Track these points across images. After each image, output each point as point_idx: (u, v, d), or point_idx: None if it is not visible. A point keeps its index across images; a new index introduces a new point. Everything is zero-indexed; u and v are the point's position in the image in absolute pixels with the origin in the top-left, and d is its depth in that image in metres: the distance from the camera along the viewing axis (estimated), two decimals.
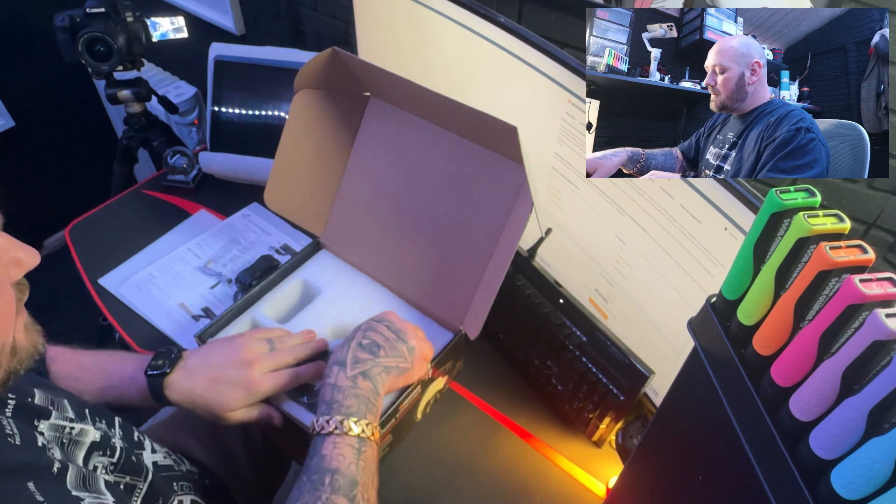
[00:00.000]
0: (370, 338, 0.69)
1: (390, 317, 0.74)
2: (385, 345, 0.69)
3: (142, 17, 1.20)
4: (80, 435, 0.57)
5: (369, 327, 0.71)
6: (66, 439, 0.56)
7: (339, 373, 0.64)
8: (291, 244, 1.12)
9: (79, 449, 0.57)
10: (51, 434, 0.54)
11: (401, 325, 0.73)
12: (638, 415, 0.86)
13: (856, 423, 0.32)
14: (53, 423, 0.55)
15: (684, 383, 0.52)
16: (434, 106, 0.79)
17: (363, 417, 0.63)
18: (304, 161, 0.90)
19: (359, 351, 0.66)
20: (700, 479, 0.50)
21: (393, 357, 0.69)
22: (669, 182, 0.67)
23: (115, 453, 0.60)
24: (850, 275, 0.33)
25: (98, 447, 0.58)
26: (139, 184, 1.29)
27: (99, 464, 0.58)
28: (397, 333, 0.71)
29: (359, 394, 0.64)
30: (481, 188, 0.82)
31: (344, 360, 0.65)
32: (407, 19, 0.95)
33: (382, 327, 0.71)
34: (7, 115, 1.85)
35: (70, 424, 0.57)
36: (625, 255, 0.80)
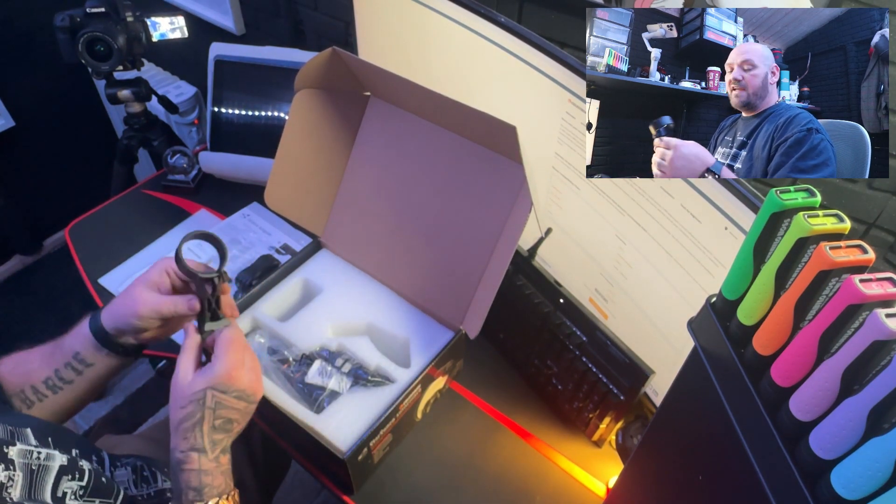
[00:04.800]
0: (222, 416, 0.63)
1: (233, 380, 0.63)
2: (239, 417, 0.65)
3: (142, 17, 1.20)
4: (48, 459, 0.58)
5: (218, 404, 0.62)
6: (34, 465, 0.56)
7: (201, 458, 0.62)
8: (291, 244, 1.12)
9: (48, 475, 0.57)
10: (20, 461, 0.55)
11: (243, 382, 0.64)
12: (638, 415, 0.87)
13: (856, 423, 0.32)
14: (21, 449, 0.56)
15: (684, 383, 0.52)
16: (434, 106, 0.79)
17: (230, 489, 0.64)
18: (305, 161, 0.90)
19: (214, 434, 0.63)
20: (700, 479, 0.50)
21: (245, 419, 0.66)
22: (670, 182, 0.67)
23: (83, 476, 0.60)
24: (850, 275, 0.34)
25: (66, 471, 0.59)
26: (139, 184, 1.29)
27: (68, 489, 0.58)
28: (243, 396, 0.64)
29: (224, 470, 0.64)
30: (481, 188, 0.82)
31: (202, 446, 0.62)
32: (407, 19, 0.95)
33: (231, 400, 0.63)
34: (7, 115, 1.85)
35: (37, 449, 0.57)
36: (625, 255, 0.80)
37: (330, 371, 0.82)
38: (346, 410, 0.78)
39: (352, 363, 0.82)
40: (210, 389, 0.62)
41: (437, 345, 0.85)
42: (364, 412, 0.78)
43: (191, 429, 0.62)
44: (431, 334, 0.87)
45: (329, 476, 0.82)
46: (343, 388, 0.80)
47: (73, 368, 0.69)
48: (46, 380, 0.69)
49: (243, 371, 0.64)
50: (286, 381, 0.82)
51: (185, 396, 0.62)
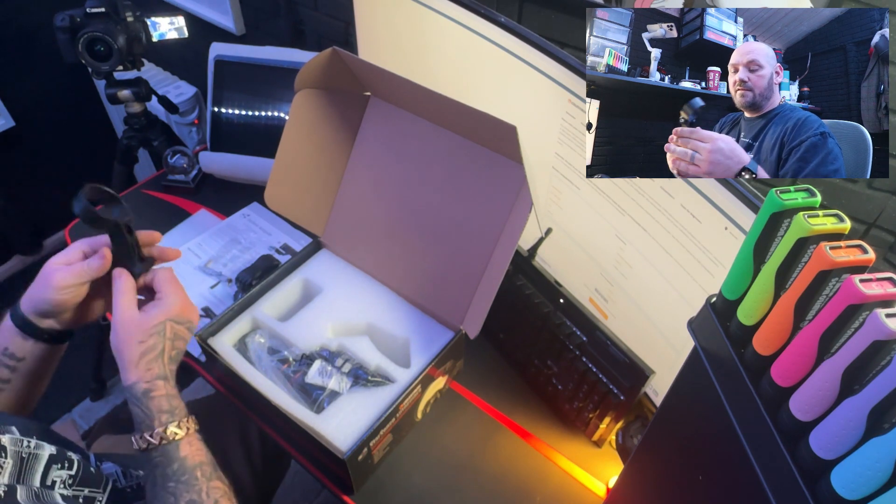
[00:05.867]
0: (177, 347, 0.67)
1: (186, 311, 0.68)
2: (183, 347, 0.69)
3: (142, 17, 1.20)
4: (38, 448, 0.59)
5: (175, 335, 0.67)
6: (24, 454, 0.58)
7: (166, 385, 0.65)
8: (291, 244, 1.12)
9: (38, 463, 0.59)
10: (11, 448, 0.56)
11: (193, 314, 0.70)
12: (638, 415, 0.87)
13: (856, 423, 0.32)
14: (12, 438, 0.57)
15: (684, 383, 0.52)
16: (434, 105, 0.79)
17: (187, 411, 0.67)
18: (305, 161, 0.90)
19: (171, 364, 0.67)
20: (700, 479, 0.50)
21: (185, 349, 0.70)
22: (670, 182, 0.67)
23: (72, 465, 0.62)
24: (850, 275, 0.34)
25: (56, 460, 0.60)
26: (139, 184, 1.29)
27: (57, 478, 0.60)
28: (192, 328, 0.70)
29: (179, 393, 0.67)
30: (481, 188, 0.82)
31: (165, 374, 0.65)
32: (407, 19, 0.95)
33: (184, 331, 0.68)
34: (7, 115, 1.85)
35: (27, 439, 0.59)
36: (625, 255, 0.80)
37: (330, 371, 0.82)
38: (346, 410, 0.78)
39: (352, 363, 0.82)
40: (169, 321, 0.66)
41: (437, 345, 0.85)
42: (364, 412, 0.78)
43: (155, 359, 0.65)
44: (431, 334, 0.87)
45: (329, 476, 0.82)
46: (343, 388, 0.80)
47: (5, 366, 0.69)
48: None
49: (189, 304, 0.69)
50: (286, 381, 0.82)
51: (145, 330, 0.64)
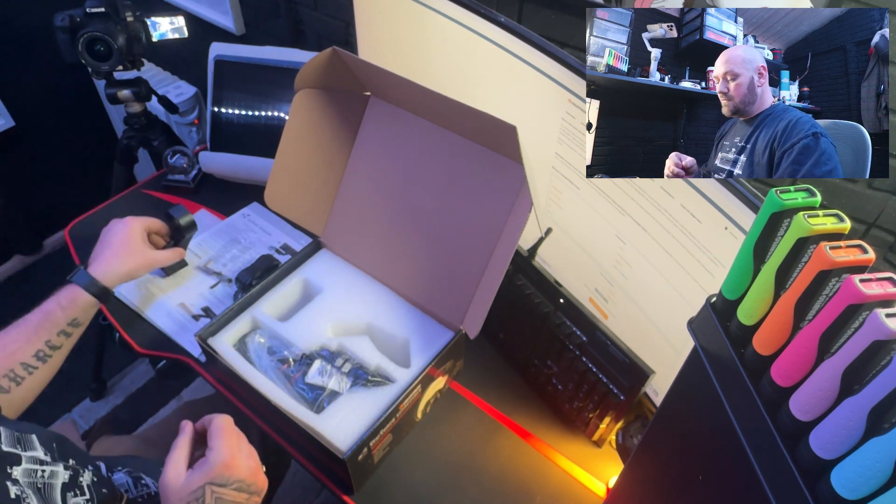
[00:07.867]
0: None
1: (231, 470, 0.59)
2: None
3: (142, 17, 1.20)
4: (52, 477, 0.58)
5: (218, 500, 0.59)
6: (40, 484, 0.56)
7: None
8: (291, 244, 1.12)
9: (53, 492, 0.57)
10: (25, 480, 0.55)
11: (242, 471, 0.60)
12: (638, 415, 0.86)
13: (856, 423, 0.32)
14: (26, 469, 0.56)
15: (684, 383, 0.52)
16: (434, 105, 0.79)
17: None
18: (305, 161, 0.90)
19: None
20: (700, 479, 0.50)
21: None
22: (670, 182, 0.67)
23: (84, 491, 0.61)
24: (850, 275, 0.33)
25: (69, 488, 0.59)
26: (139, 183, 1.29)
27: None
28: (243, 487, 0.61)
29: None
30: (481, 187, 0.82)
31: None
32: (407, 19, 0.95)
33: (231, 493, 0.59)
34: (7, 115, 1.85)
35: (41, 468, 0.58)
36: (625, 255, 0.80)
37: (330, 371, 0.82)
38: (346, 410, 0.78)
39: (352, 363, 0.82)
40: (209, 485, 0.58)
41: (437, 345, 0.85)
42: (364, 412, 0.78)
43: None
44: (431, 334, 0.87)
45: (329, 476, 0.82)
46: (343, 388, 0.80)
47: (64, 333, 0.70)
48: (37, 353, 0.71)
49: (240, 458, 0.60)
50: (286, 381, 0.82)
51: (182, 497, 0.57)
